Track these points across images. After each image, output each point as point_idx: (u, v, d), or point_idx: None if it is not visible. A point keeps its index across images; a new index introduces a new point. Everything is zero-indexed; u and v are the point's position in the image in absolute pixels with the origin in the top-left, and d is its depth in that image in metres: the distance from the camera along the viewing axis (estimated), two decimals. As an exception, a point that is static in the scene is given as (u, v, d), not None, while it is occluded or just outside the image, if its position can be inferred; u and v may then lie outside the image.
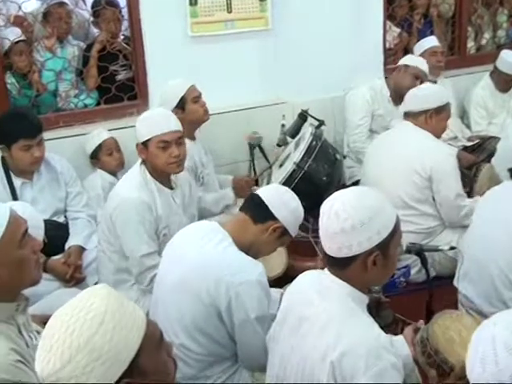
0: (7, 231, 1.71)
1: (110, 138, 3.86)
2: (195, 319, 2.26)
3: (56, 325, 1.28)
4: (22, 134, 3.26)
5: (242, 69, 4.38)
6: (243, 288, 2.18)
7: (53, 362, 1.24)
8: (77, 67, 4.36)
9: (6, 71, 4.02)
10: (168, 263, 2.44)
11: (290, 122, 4.23)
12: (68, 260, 3.28)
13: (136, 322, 1.31)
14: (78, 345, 1.23)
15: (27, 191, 3.37)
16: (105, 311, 1.27)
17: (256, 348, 2.25)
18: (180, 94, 3.55)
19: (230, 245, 2.30)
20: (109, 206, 3.03)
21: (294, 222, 2.42)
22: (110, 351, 1.24)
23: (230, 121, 4.30)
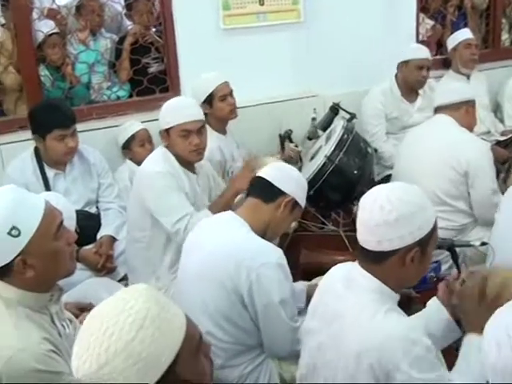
0: (43, 223, 1.73)
1: (142, 130, 3.88)
2: (219, 306, 2.28)
3: (95, 324, 1.24)
4: (56, 124, 3.29)
5: (273, 62, 4.37)
6: (263, 271, 2.21)
7: (89, 362, 1.21)
8: (109, 60, 4.41)
9: (39, 64, 4.07)
10: (188, 253, 2.47)
11: (320, 115, 4.21)
12: (99, 250, 3.32)
13: (176, 327, 1.27)
14: (115, 350, 1.20)
15: (60, 182, 3.41)
16: (145, 316, 1.23)
17: (280, 333, 2.27)
18: (208, 91, 3.57)
19: (248, 231, 2.33)
20: (136, 186, 3.11)
21: (301, 191, 2.50)
22: (148, 357, 1.21)
23: (261, 114, 4.29)
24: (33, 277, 1.73)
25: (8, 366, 1.64)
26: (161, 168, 2.98)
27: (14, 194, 1.74)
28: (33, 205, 1.74)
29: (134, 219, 3.14)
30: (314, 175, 3.58)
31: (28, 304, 1.76)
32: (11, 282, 1.75)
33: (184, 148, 2.99)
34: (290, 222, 2.53)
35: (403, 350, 1.64)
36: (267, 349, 2.37)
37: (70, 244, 1.85)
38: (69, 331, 1.93)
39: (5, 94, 4.18)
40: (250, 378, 2.36)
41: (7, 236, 1.67)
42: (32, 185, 3.22)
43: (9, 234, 1.67)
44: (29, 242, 1.70)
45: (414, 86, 4.46)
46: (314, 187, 3.58)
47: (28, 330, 1.71)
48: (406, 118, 4.43)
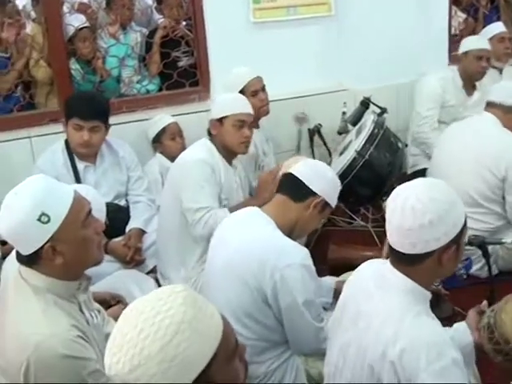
0: (72, 211, 1.74)
1: (173, 123, 3.88)
2: (242, 304, 2.26)
3: (130, 323, 1.22)
4: (76, 112, 3.30)
5: (303, 55, 4.34)
6: (288, 271, 2.17)
7: (122, 363, 1.19)
8: (139, 53, 4.42)
9: (70, 57, 4.10)
10: (214, 248, 2.46)
11: (351, 109, 4.18)
12: (128, 242, 3.34)
13: (211, 330, 1.24)
14: (148, 353, 1.18)
15: (90, 175, 3.43)
16: (181, 320, 1.20)
17: (304, 332, 2.24)
18: (240, 86, 3.55)
19: (274, 229, 2.30)
20: (173, 174, 3.15)
21: (333, 192, 2.43)
22: (182, 362, 1.18)
23: (292, 108, 4.28)
24: (61, 264, 1.75)
25: (36, 352, 1.65)
26: (201, 157, 3.02)
27: (43, 182, 1.76)
28: (62, 193, 1.76)
29: (166, 209, 3.16)
30: (343, 170, 3.56)
31: (56, 291, 1.78)
32: (40, 270, 1.76)
33: (235, 138, 3.06)
34: (318, 222, 2.48)
35: (427, 359, 1.60)
36: (292, 346, 2.34)
37: (98, 233, 1.86)
38: (97, 321, 1.94)
39: (36, 88, 4.23)
40: (276, 375, 2.34)
41: (37, 222, 1.69)
42: (62, 177, 3.24)
43: (38, 221, 1.69)
44: (58, 228, 1.72)
45: (474, 77, 4.39)
46: (344, 182, 3.53)
47: (56, 316, 1.73)
48: (462, 110, 4.36)
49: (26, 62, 4.12)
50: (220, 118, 3.07)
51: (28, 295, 1.75)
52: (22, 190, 1.74)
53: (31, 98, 4.16)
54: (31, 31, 4.30)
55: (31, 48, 4.12)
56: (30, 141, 3.76)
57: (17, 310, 1.75)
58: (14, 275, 1.82)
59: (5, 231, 1.74)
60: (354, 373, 1.78)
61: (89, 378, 1.72)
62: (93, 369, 1.74)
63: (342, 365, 1.85)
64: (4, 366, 1.73)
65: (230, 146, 3.09)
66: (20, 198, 1.71)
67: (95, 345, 1.83)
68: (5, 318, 1.78)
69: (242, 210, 2.53)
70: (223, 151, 3.11)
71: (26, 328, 1.69)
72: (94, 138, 3.33)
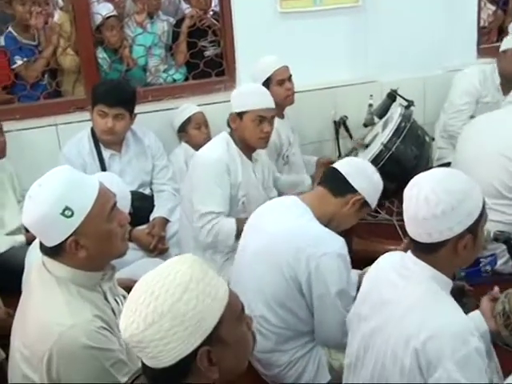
0: (96, 205, 1.73)
1: (199, 113, 3.88)
2: (275, 292, 2.27)
3: (142, 287, 1.31)
4: (101, 98, 3.33)
5: (330, 46, 4.30)
6: (324, 260, 2.18)
7: (137, 323, 1.27)
8: (166, 43, 4.42)
9: (97, 46, 4.12)
10: (250, 234, 2.47)
11: (377, 101, 4.14)
12: (152, 231, 3.36)
13: (219, 292, 1.32)
14: (161, 311, 1.26)
15: (115, 163, 3.44)
16: (189, 279, 1.29)
17: (333, 323, 2.25)
18: (267, 75, 3.55)
19: (311, 218, 2.30)
20: (190, 169, 3.15)
21: (374, 193, 2.43)
22: (193, 318, 1.26)
23: (317, 99, 4.25)
24: (85, 257, 1.74)
25: (59, 342, 1.66)
26: (217, 156, 2.98)
27: (68, 175, 1.74)
28: (87, 186, 1.74)
29: (187, 201, 3.15)
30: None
31: (80, 282, 1.77)
32: (63, 261, 1.76)
33: (254, 134, 3.00)
34: (354, 220, 2.47)
35: (452, 348, 1.60)
36: (317, 336, 2.35)
37: (123, 226, 1.85)
38: (122, 307, 1.94)
39: (63, 76, 4.26)
40: (299, 364, 2.36)
41: (60, 216, 1.68)
42: (88, 165, 3.27)
43: (62, 215, 1.68)
44: (82, 223, 1.70)
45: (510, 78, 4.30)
46: (369, 175, 3.54)
47: (80, 307, 1.73)
48: (495, 108, 4.28)
49: (54, 51, 4.15)
50: (239, 112, 3.02)
51: (51, 285, 1.75)
52: (47, 182, 1.72)
53: (58, 86, 4.19)
54: (59, 19, 4.33)
55: (59, 36, 4.15)
56: (56, 128, 3.79)
57: (40, 300, 1.76)
58: (37, 264, 1.83)
59: (28, 223, 1.74)
60: (376, 361, 1.78)
61: (111, 368, 1.73)
62: (115, 360, 1.74)
63: (363, 355, 1.85)
64: (27, 355, 1.74)
65: (249, 141, 3.04)
66: (44, 191, 1.70)
67: (120, 335, 1.83)
68: (28, 307, 1.79)
69: (278, 198, 2.54)
70: (242, 145, 3.06)
71: (49, 318, 1.69)
72: (117, 126, 3.34)
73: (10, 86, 4.14)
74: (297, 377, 2.36)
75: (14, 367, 1.82)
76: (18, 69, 4.12)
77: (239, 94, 3.10)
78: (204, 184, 2.96)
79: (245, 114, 2.99)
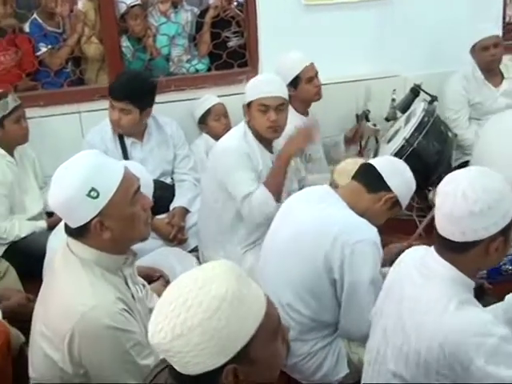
0: (121, 187, 1.76)
1: (218, 104, 3.89)
2: (305, 280, 2.27)
3: (175, 293, 1.25)
4: (111, 90, 3.36)
5: (354, 40, 4.28)
6: (358, 247, 2.18)
7: (164, 331, 1.22)
8: (190, 33, 4.42)
9: (121, 35, 4.13)
10: (280, 222, 2.47)
11: (400, 96, 4.11)
12: (172, 221, 3.37)
13: (254, 308, 1.26)
14: (191, 324, 1.20)
15: (137, 151, 3.46)
16: (224, 295, 1.22)
17: (361, 313, 2.23)
18: (295, 73, 3.53)
19: (345, 207, 2.31)
20: (211, 159, 3.15)
21: (407, 193, 2.43)
22: (222, 338, 1.21)
23: (339, 93, 4.21)
24: (109, 238, 1.77)
25: (82, 322, 1.69)
26: (235, 145, 2.99)
27: (94, 158, 1.78)
28: (112, 169, 1.78)
29: (208, 191, 3.17)
30: (391, 158, 3.51)
31: (103, 265, 1.80)
32: (88, 243, 1.79)
33: (261, 123, 2.99)
34: (384, 218, 2.46)
35: (476, 345, 1.59)
36: (342, 328, 2.35)
37: (146, 210, 1.87)
38: (141, 295, 1.97)
39: (86, 64, 4.28)
40: (318, 356, 2.36)
41: (86, 197, 1.71)
42: (110, 152, 3.28)
43: (88, 196, 1.71)
44: (107, 204, 1.73)
45: (489, 68, 4.27)
46: (391, 170, 3.52)
47: (103, 288, 1.76)
48: (490, 103, 4.25)
49: (78, 39, 4.17)
50: (248, 102, 3.04)
51: (76, 267, 1.78)
52: (73, 165, 1.76)
53: (81, 74, 4.21)
54: (83, 7, 4.34)
55: (83, 24, 4.17)
56: (79, 116, 3.82)
57: (64, 281, 1.79)
58: (62, 246, 1.86)
59: (54, 204, 1.77)
60: (397, 358, 1.77)
61: (131, 350, 1.76)
62: (136, 342, 1.77)
63: (384, 349, 1.85)
64: (49, 335, 1.77)
65: (259, 131, 3.03)
66: (70, 173, 1.74)
67: (139, 319, 1.85)
68: (52, 289, 1.82)
69: (311, 188, 2.54)
70: (258, 136, 3.05)
71: (72, 298, 1.72)
72: (123, 120, 3.35)
73: (34, 72, 4.16)
74: (315, 368, 2.37)
75: (34, 348, 1.86)
76: (43, 56, 4.14)
77: (248, 85, 3.12)
78: (230, 173, 2.96)
79: (251, 104, 3.01)
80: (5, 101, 3.27)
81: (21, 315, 2.65)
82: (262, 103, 2.98)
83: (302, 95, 3.54)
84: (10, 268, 3.04)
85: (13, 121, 3.29)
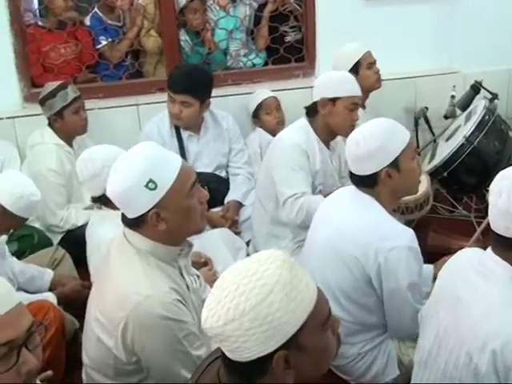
0: (178, 179, 1.76)
1: (270, 97, 3.88)
2: (341, 285, 2.24)
3: (229, 280, 1.27)
4: (170, 83, 3.38)
5: (414, 35, 4.23)
6: (393, 254, 2.13)
7: (217, 316, 1.24)
8: (248, 27, 4.42)
9: (180, 28, 4.16)
10: (317, 226, 2.43)
11: (460, 93, 4.02)
12: (226, 214, 3.40)
13: (305, 297, 1.27)
14: (243, 309, 1.22)
15: (193, 144, 3.49)
16: (276, 281, 1.24)
17: (405, 316, 2.20)
18: (355, 59, 3.51)
19: (379, 210, 2.24)
20: (268, 153, 3.14)
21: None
22: (273, 322, 1.22)
23: (397, 88, 4.17)
24: (164, 230, 1.78)
25: (136, 311, 1.71)
26: (298, 140, 2.96)
27: (153, 150, 1.79)
28: (170, 161, 1.79)
29: (261, 184, 3.16)
30: (450, 156, 3.46)
31: (159, 255, 1.82)
32: (144, 233, 1.80)
33: (345, 121, 2.94)
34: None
35: None
36: (390, 328, 2.31)
37: (202, 203, 1.87)
38: (196, 286, 1.98)
39: (145, 57, 4.33)
40: (367, 357, 2.32)
41: (144, 188, 1.72)
42: (167, 145, 3.31)
43: (146, 187, 1.72)
44: (164, 196, 1.74)
45: None
46: (449, 169, 3.46)
47: (157, 278, 1.77)
48: None
49: (137, 32, 4.22)
50: (333, 98, 2.94)
51: (131, 256, 1.80)
52: (132, 156, 1.77)
53: (140, 67, 4.26)
54: (143, 1, 4.39)
55: (143, 18, 4.21)
56: (137, 108, 3.88)
57: (120, 270, 1.81)
58: (118, 236, 1.88)
59: (112, 194, 1.79)
60: (448, 361, 1.74)
61: (184, 340, 1.77)
62: (189, 332, 1.79)
63: (436, 351, 1.81)
64: (104, 321, 1.80)
65: (337, 128, 2.97)
66: (130, 164, 1.75)
67: (193, 309, 1.86)
68: (107, 276, 1.85)
69: (344, 188, 2.50)
70: (323, 133, 3.01)
71: (127, 287, 1.74)
72: (184, 112, 3.37)
73: (93, 65, 4.23)
74: (365, 369, 2.33)
75: (88, 334, 1.89)
76: (102, 49, 4.21)
77: (332, 80, 3.00)
78: (285, 167, 2.94)
79: (338, 100, 2.92)
80: (65, 92, 3.34)
81: (75, 301, 2.71)
82: (354, 102, 2.94)
83: (364, 82, 3.47)
84: (66, 255, 3.10)
85: (72, 111, 3.37)
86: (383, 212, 2.24)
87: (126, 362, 1.79)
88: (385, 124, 2.25)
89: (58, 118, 3.36)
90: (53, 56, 4.08)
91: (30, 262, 2.93)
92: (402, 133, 2.24)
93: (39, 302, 2.47)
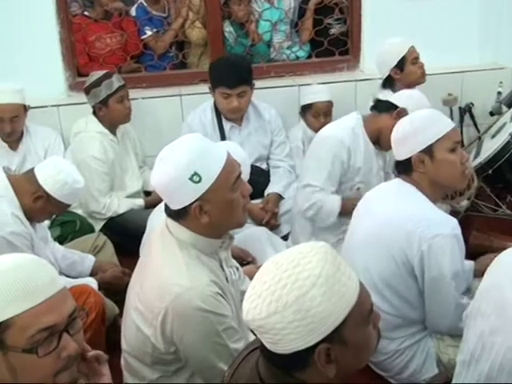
0: (223, 173, 1.76)
1: (323, 103, 3.76)
2: (385, 276, 2.23)
3: (270, 272, 1.26)
4: (221, 81, 3.36)
5: (459, 29, 4.16)
6: (436, 242, 2.12)
7: (259, 308, 1.24)
8: (292, 19, 4.39)
9: (224, 20, 4.16)
10: (359, 217, 2.43)
11: (507, 89, 3.94)
12: (266, 206, 3.39)
13: (348, 291, 1.25)
14: (285, 301, 1.21)
15: (235, 135, 3.50)
16: (319, 274, 1.22)
17: (444, 307, 2.19)
18: (401, 54, 3.46)
19: (422, 199, 2.24)
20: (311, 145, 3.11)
21: None
22: (316, 316, 1.21)
23: (442, 83, 4.09)
24: (207, 223, 1.78)
25: (175, 302, 1.72)
26: (340, 136, 2.91)
27: (198, 143, 1.78)
28: (215, 155, 1.78)
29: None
30: (495, 154, 3.41)
31: (200, 247, 1.82)
32: (186, 225, 1.80)
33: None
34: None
35: None
36: (429, 321, 2.29)
37: (245, 196, 1.87)
38: (235, 278, 1.98)
39: (189, 48, 4.34)
40: (405, 354, 2.31)
41: (188, 181, 1.72)
42: (209, 135, 3.32)
43: (190, 180, 1.72)
44: (208, 189, 1.74)
45: None
46: (494, 166, 3.41)
47: (198, 271, 1.77)
48: None
49: (182, 23, 4.24)
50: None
51: (173, 247, 1.80)
52: (178, 148, 1.77)
53: (184, 58, 4.28)
54: (188, -8, 4.40)
55: (188, 9, 4.23)
56: (180, 98, 3.90)
57: (161, 260, 1.82)
58: (160, 226, 1.89)
59: (157, 184, 1.79)
60: (493, 362, 1.70)
61: (223, 333, 1.77)
62: (228, 325, 1.78)
63: (479, 353, 1.77)
64: (142, 309, 1.81)
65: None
66: (175, 155, 1.75)
67: (232, 302, 1.87)
68: (148, 266, 1.86)
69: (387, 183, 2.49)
70: (374, 136, 2.94)
71: (168, 278, 1.75)
72: (242, 103, 3.40)
73: (138, 55, 4.28)
74: (403, 366, 2.32)
75: (128, 322, 1.91)
76: (147, 39, 4.24)
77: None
78: (317, 157, 2.94)
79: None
80: (110, 81, 3.38)
81: (116, 288, 2.75)
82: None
83: (408, 77, 3.45)
84: (108, 242, 3.14)
85: (117, 100, 3.40)
86: (427, 201, 2.24)
87: (164, 352, 1.81)
88: (426, 112, 2.28)
89: (103, 107, 3.40)
90: (98, 46, 4.15)
91: (71, 247, 2.97)
92: (442, 122, 2.25)
93: (80, 286, 2.50)
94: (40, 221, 2.62)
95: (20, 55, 3.67)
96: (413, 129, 2.22)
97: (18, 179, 2.52)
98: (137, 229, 3.01)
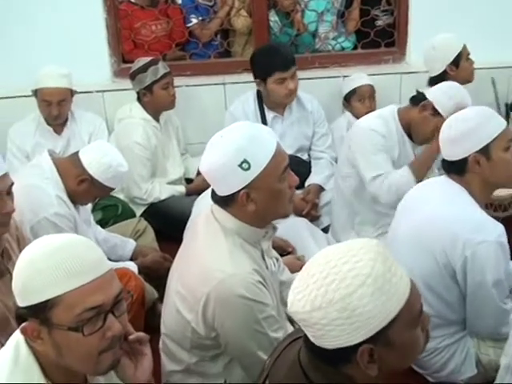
0: (272, 162, 1.75)
1: (366, 86, 3.80)
2: (425, 276, 2.18)
3: (318, 266, 1.24)
4: (276, 67, 3.33)
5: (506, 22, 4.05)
6: (481, 248, 2.06)
7: (304, 301, 1.23)
8: (339, 9, 4.35)
9: (270, 9, 4.14)
10: (402, 215, 2.38)
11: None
12: (306, 197, 3.38)
13: (397, 292, 1.22)
14: (331, 298, 1.19)
15: (278, 125, 3.49)
16: (369, 274, 1.20)
17: (487, 313, 2.14)
18: (458, 50, 3.39)
19: (469, 201, 2.18)
20: (348, 136, 3.08)
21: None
22: (362, 315, 1.19)
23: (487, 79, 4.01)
24: (253, 211, 1.78)
25: (218, 288, 1.72)
26: (375, 127, 2.89)
27: (249, 130, 1.78)
28: (265, 143, 1.77)
29: (342, 170, 3.11)
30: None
31: (244, 236, 1.82)
32: (232, 212, 1.81)
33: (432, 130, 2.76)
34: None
35: None
36: (469, 325, 2.25)
37: (292, 187, 1.86)
38: (275, 269, 1.98)
39: (234, 37, 4.34)
40: (444, 352, 2.27)
41: (238, 168, 1.72)
42: (252, 125, 3.32)
43: (239, 167, 1.72)
44: (256, 177, 1.74)
45: None
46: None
47: (241, 258, 1.78)
48: None
49: (228, 11, 4.23)
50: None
51: (218, 234, 1.81)
52: (229, 134, 1.78)
53: (228, 46, 4.28)
54: (235, -19, 4.40)
55: (234, -3, 4.23)
56: (223, 87, 3.90)
57: (205, 246, 1.82)
58: (206, 211, 1.89)
59: (205, 170, 1.80)
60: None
61: (264, 321, 1.77)
62: (268, 314, 1.79)
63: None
64: (184, 293, 1.83)
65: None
66: (225, 141, 1.75)
67: (272, 291, 1.87)
68: (192, 250, 1.87)
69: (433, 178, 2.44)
70: (407, 127, 2.90)
71: (211, 264, 1.76)
72: (295, 83, 3.40)
73: (183, 43, 4.29)
74: (441, 365, 2.28)
75: (168, 306, 1.92)
76: (193, 27, 4.25)
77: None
78: (364, 152, 2.89)
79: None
80: (155, 67, 3.40)
81: (155, 273, 2.77)
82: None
83: (463, 74, 3.38)
84: (149, 227, 3.17)
85: (161, 87, 3.42)
86: (474, 204, 2.17)
87: (204, 337, 1.82)
88: (480, 109, 2.19)
89: (148, 93, 3.42)
90: (144, 33, 4.17)
91: (113, 231, 3.01)
92: (496, 121, 2.17)
93: (121, 269, 2.52)
94: (83, 204, 2.65)
95: (67, 41, 3.71)
96: (467, 128, 2.13)
97: (63, 162, 2.56)
98: (177, 215, 3.04)
